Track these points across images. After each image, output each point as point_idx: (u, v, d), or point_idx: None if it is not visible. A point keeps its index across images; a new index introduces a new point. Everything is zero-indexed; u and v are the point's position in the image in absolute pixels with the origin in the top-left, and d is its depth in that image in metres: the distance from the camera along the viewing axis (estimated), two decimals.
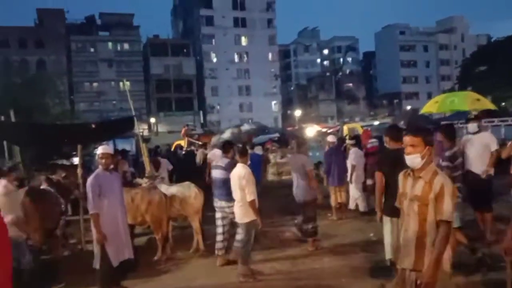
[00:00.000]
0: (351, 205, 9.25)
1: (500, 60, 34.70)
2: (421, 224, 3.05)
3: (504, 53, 35.15)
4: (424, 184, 3.04)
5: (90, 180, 5.29)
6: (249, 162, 6.06)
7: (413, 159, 3.07)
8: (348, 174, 8.96)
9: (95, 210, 5.18)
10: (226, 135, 19.14)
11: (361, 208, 9.06)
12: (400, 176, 3.27)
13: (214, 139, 17.80)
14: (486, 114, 12.54)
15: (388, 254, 5.06)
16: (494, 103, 13.15)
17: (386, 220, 4.91)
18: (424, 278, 2.94)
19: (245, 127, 21.59)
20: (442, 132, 5.75)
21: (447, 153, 5.50)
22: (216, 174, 6.48)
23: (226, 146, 6.67)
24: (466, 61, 45.27)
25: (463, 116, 12.02)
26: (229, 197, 6.04)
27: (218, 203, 6.44)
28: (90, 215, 5.24)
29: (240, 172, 5.76)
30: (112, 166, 5.54)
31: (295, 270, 5.96)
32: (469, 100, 8.88)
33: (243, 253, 5.81)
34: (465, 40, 71.93)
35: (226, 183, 6.10)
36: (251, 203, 5.64)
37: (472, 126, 6.63)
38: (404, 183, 3.21)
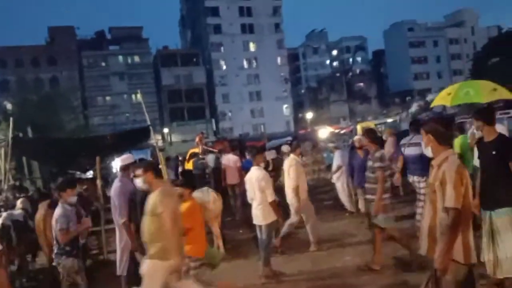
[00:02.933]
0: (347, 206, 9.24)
1: None
2: (433, 211, 3.10)
3: None
4: (434, 172, 3.12)
5: (121, 188, 5.44)
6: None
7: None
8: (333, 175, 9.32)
9: (126, 218, 5.33)
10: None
11: (348, 207, 9.14)
12: None
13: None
14: (504, 105, 12.18)
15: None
16: None
17: None
18: (435, 265, 2.97)
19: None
20: (366, 136, 5.77)
21: (377, 154, 5.52)
22: (410, 151, 6.81)
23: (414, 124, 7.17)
24: (477, 54, 44.62)
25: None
26: (422, 171, 6.29)
27: (410, 178, 6.84)
28: (123, 224, 5.32)
29: (257, 175, 5.80)
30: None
31: (316, 270, 5.96)
32: (485, 91, 8.24)
33: (265, 255, 5.84)
34: (475, 33, 71.06)
35: (420, 158, 6.42)
36: (272, 203, 5.68)
37: (478, 123, 6.23)
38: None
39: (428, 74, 70.55)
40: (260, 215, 5.80)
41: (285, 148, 13.24)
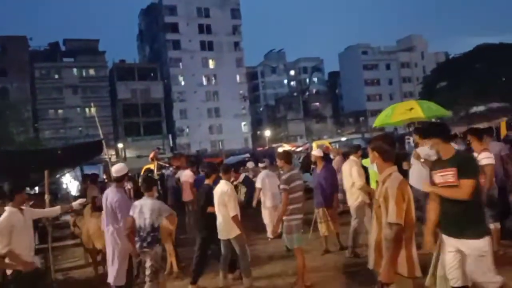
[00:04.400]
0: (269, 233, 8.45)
1: (458, 76, 36.24)
2: (379, 226, 3.19)
3: (461, 69, 36.77)
4: (379, 188, 3.22)
5: (124, 198, 5.54)
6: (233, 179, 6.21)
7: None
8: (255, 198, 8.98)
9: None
10: None
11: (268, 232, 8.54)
12: None
13: None
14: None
15: None
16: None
17: None
18: (380, 278, 3.04)
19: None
20: (279, 157, 5.67)
21: (284, 176, 5.39)
22: None
23: None
24: (427, 78, 46.87)
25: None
26: None
27: None
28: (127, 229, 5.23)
29: (223, 188, 5.80)
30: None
31: (271, 286, 5.97)
32: (400, 111, 7.93)
33: (244, 266, 5.78)
34: (425, 57, 74.88)
35: None
36: (234, 218, 5.64)
37: (415, 137, 6.11)
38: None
39: (380, 95, 73.22)
40: (226, 229, 5.77)
41: (250, 165, 13.34)
